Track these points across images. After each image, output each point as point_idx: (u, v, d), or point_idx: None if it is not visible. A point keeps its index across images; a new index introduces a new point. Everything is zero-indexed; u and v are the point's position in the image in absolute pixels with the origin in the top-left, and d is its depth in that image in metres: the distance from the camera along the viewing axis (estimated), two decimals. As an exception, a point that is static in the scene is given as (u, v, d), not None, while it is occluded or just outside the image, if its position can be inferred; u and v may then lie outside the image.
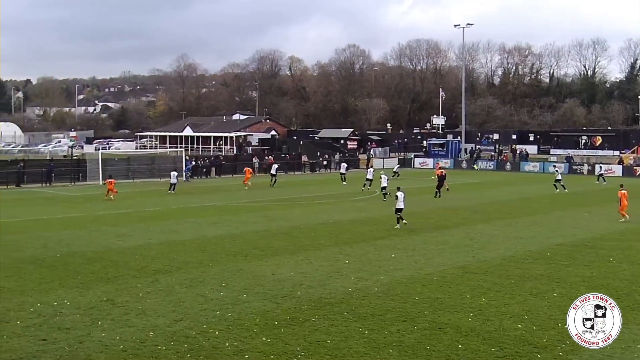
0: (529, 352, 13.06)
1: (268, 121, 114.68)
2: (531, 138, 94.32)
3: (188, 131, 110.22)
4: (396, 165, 69.65)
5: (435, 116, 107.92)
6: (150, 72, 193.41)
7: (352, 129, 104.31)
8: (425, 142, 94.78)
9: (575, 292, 16.52)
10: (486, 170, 77.00)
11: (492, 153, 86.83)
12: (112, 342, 13.43)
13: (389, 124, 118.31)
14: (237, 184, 52.26)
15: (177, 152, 68.49)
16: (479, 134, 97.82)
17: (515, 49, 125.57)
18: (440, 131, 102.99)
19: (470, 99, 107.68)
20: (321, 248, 24.32)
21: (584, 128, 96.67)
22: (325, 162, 75.93)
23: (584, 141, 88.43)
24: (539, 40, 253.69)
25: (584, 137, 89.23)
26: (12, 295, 17.08)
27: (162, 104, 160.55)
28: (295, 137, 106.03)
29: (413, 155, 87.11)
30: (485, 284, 18.60)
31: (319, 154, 79.11)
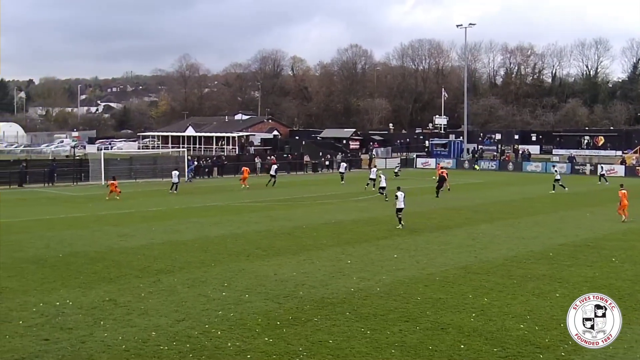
0: (531, 352, 13.05)
1: (270, 121, 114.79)
2: (533, 138, 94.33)
3: (190, 131, 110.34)
4: (396, 165, 69.57)
5: (437, 116, 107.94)
6: (152, 72, 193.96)
7: (354, 129, 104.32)
8: (427, 142, 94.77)
9: (577, 293, 16.47)
10: (488, 171, 76.95)
11: (495, 153, 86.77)
12: (114, 342, 13.44)
13: (391, 124, 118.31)
14: (239, 184, 52.22)
15: (180, 152, 68.58)
16: (481, 134, 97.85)
17: (518, 48, 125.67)
18: (443, 131, 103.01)
19: (473, 99, 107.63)
20: (323, 248, 24.32)
21: (587, 128, 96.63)
22: (327, 162, 75.92)
23: (586, 141, 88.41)
24: (541, 40, 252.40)
25: (587, 137, 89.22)
26: (14, 295, 17.09)
27: (164, 104, 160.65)
28: (297, 137, 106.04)
29: (415, 156, 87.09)
30: (487, 284, 18.59)
31: (321, 154, 79.11)
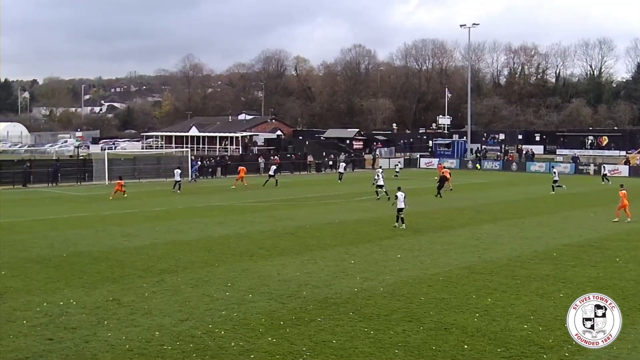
0: (535, 352, 13.03)
1: (274, 121, 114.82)
2: (537, 138, 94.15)
3: (194, 131, 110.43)
4: (396, 164, 69.38)
5: (441, 116, 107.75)
6: (156, 72, 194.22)
7: (357, 129, 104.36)
8: (431, 142, 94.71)
9: (581, 293, 16.28)
10: (492, 171, 76.89)
11: (498, 153, 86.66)
12: (117, 341, 13.45)
13: (394, 124, 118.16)
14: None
15: (183, 152, 68.64)
16: (485, 134, 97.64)
17: (521, 48, 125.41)
18: (446, 131, 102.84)
19: (476, 99, 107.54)
20: (327, 248, 24.32)
21: (590, 128, 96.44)
22: (330, 162, 75.92)
23: (590, 141, 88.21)
24: (545, 40, 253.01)
25: (590, 137, 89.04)
26: (18, 295, 17.12)
27: (168, 104, 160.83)
28: (300, 137, 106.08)
29: (419, 156, 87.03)
30: (491, 284, 18.57)
31: (324, 154, 79.12)
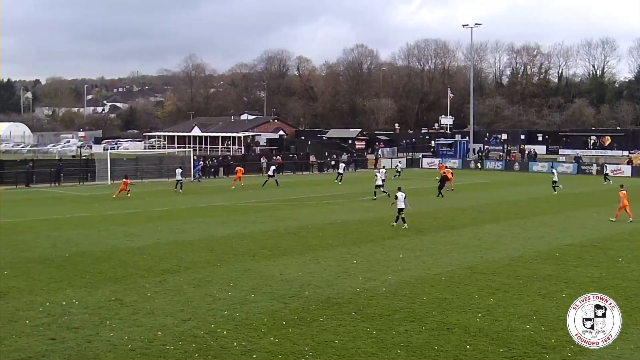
0: (537, 352, 13.02)
1: (276, 121, 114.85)
2: (540, 138, 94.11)
3: (196, 131, 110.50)
4: (397, 164, 69.25)
5: (443, 116, 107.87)
6: (158, 72, 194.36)
7: (360, 129, 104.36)
8: (433, 142, 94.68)
9: (583, 293, 16.30)
10: (494, 171, 76.82)
11: (501, 153, 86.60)
12: (120, 341, 13.46)
13: (397, 124, 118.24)
14: (246, 184, 52.24)
15: (185, 152, 68.67)
16: (487, 134, 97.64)
17: (524, 48, 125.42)
18: (449, 131, 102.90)
19: (479, 99, 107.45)
20: (329, 248, 24.31)
21: (593, 128, 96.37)
22: (333, 162, 75.87)
23: (592, 141, 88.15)
24: (547, 40, 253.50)
25: (593, 137, 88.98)
26: (21, 295, 17.14)
27: (170, 104, 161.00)
28: (303, 137, 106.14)
29: (421, 156, 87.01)
30: (493, 284, 18.55)
31: (327, 154, 79.14)
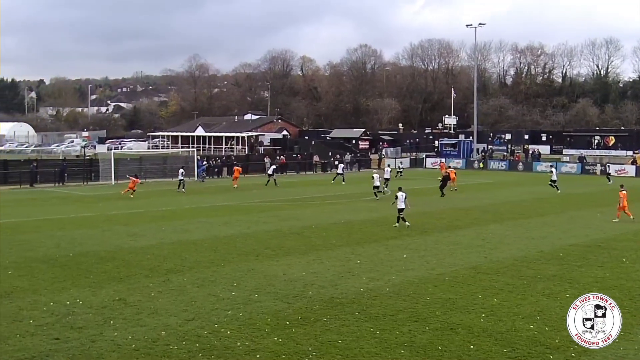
0: (541, 352, 13.00)
1: (280, 121, 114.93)
2: (544, 138, 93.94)
3: (200, 131, 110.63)
4: (400, 164, 69.14)
5: (447, 116, 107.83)
6: (162, 72, 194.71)
7: (363, 129, 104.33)
8: (437, 142, 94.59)
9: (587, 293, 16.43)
10: (498, 171, 76.75)
11: (504, 153, 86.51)
12: (124, 341, 13.48)
13: (400, 124, 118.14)
14: (248, 183, 52.29)
15: (189, 152, 68.75)
16: (491, 134, 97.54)
17: (528, 48, 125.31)
18: (452, 131, 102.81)
19: (482, 99, 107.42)
20: (333, 248, 24.30)
21: (597, 128, 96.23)
22: (336, 162, 75.77)
23: (596, 141, 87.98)
24: (551, 40, 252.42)
25: (597, 137, 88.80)
26: (25, 294, 17.17)
27: (174, 104, 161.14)
28: (306, 137, 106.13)
29: (425, 156, 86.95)
30: (497, 284, 18.53)
31: (330, 154, 79.10)
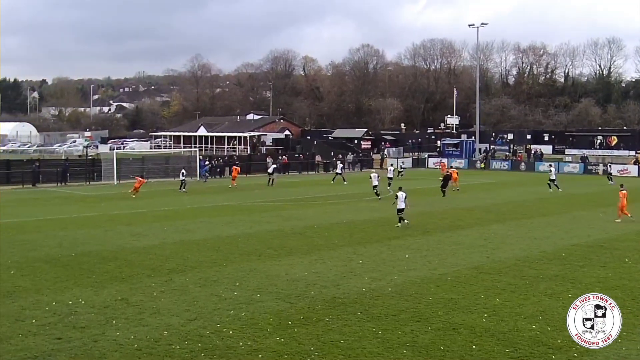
0: (544, 352, 13.00)
1: (282, 121, 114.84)
2: (546, 138, 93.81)
3: (202, 131, 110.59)
4: (402, 164, 69.03)
5: (449, 116, 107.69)
6: (164, 72, 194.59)
7: (366, 129, 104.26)
8: (439, 142, 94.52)
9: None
10: (500, 170, 76.69)
11: (507, 153, 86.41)
12: (126, 341, 13.50)
13: (402, 124, 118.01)
14: (251, 183, 52.30)
15: (191, 152, 68.79)
16: (494, 134, 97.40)
17: (530, 48, 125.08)
18: (455, 131, 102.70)
19: (485, 99, 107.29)
20: (335, 248, 24.31)
21: (600, 128, 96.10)
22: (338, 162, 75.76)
23: (599, 141, 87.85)
24: (553, 40, 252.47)
25: (599, 137, 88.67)
26: (27, 294, 17.20)
27: (176, 104, 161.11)
28: (309, 137, 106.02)
29: (427, 155, 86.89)
30: (499, 284, 18.52)
31: (332, 154, 79.09)
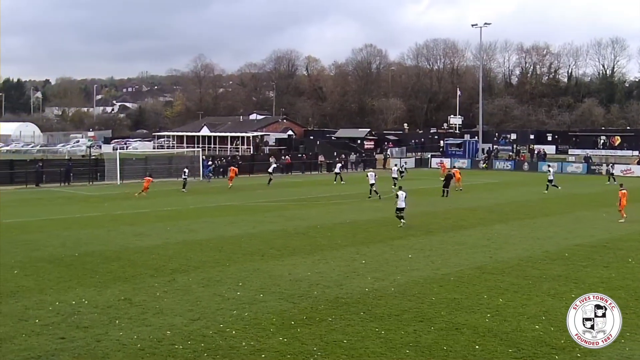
0: (547, 353, 12.99)
1: (285, 121, 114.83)
2: (549, 138, 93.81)
3: (205, 131, 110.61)
4: (404, 164, 68.94)
5: (452, 116, 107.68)
6: (167, 72, 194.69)
7: (369, 129, 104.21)
8: (442, 142, 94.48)
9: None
10: (504, 171, 76.61)
11: (510, 153, 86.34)
12: (129, 340, 13.51)
13: (405, 124, 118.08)
14: (254, 183, 52.31)
15: (195, 152, 68.82)
16: (497, 134, 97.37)
17: (533, 48, 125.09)
18: (458, 131, 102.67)
19: (488, 99, 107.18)
20: (338, 248, 24.31)
21: (603, 128, 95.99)
22: (342, 163, 75.73)
23: (602, 141, 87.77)
24: (557, 40, 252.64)
25: (603, 137, 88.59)
26: (31, 294, 17.22)
27: (179, 104, 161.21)
28: (312, 137, 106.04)
29: (430, 155, 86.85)
30: (502, 284, 18.51)
31: (335, 153, 79.11)
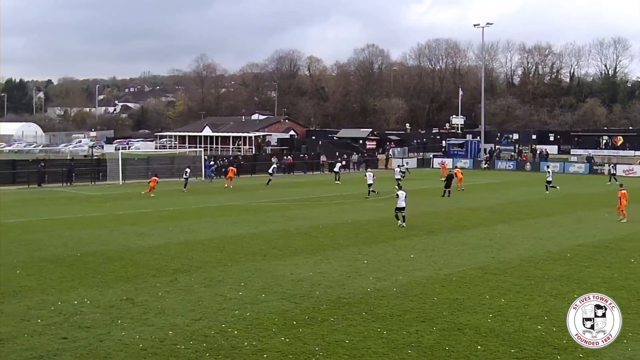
0: (549, 353, 12.98)
1: (287, 121, 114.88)
2: (551, 138, 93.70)
3: (207, 131, 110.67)
4: (405, 164, 68.97)
5: (454, 116, 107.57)
6: (169, 73, 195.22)
7: (370, 129, 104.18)
8: (444, 142, 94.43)
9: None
10: (506, 171, 76.56)
11: (512, 153, 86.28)
12: (131, 340, 13.52)
13: (407, 124, 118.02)
14: (256, 183, 52.30)
15: (196, 152, 68.86)
16: (499, 134, 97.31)
17: (535, 48, 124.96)
18: (460, 131, 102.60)
19: (490, 99, 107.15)
20: (340, 248, 24.31)
21: (605, 128, 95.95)
22: (344, 162, 75.74)
23: (604, 141, 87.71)
24: (559, 40, 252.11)
25: (605, 137, 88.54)
26: (33, 294, 17.24)
27: (181, 104, 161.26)
28: (314, 137, 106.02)
29: (432, 155, 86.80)
30: (504, 284, 18.50)
31: (337, 154, 79.07)
